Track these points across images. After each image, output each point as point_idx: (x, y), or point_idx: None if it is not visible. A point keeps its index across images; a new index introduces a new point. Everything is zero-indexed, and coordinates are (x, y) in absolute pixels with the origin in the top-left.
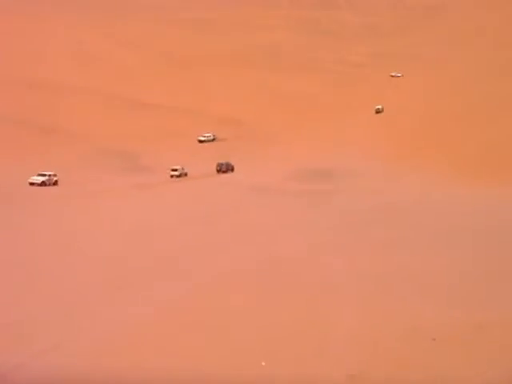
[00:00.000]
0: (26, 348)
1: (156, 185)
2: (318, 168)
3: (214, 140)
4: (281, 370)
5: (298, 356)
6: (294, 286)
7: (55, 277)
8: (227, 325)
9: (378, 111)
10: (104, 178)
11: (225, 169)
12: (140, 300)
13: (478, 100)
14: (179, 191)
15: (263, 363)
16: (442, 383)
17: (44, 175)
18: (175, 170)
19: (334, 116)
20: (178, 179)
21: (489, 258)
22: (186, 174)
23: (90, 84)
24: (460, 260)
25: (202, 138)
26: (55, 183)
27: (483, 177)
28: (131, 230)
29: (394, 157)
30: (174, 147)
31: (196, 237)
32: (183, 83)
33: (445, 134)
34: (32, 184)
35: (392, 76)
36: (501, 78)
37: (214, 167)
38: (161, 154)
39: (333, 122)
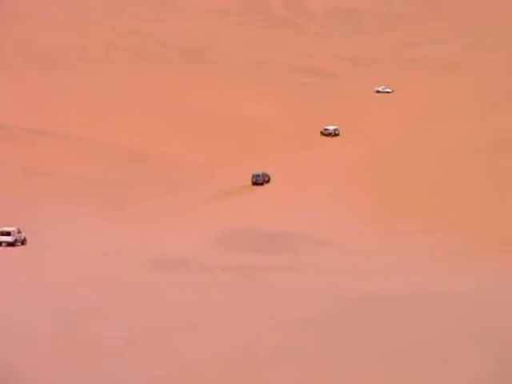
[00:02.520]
0: None
1: None
2: (266, 230)
3: None
4: None
5: None
6: None
7: None
8: None
9: (328, 133)
10: None
11: (261, 180)
12: None
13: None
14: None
15: None
16: None
17: None
18: (6, 234)
19: (293, 150)
20: (10, 249)
21: None
22: (23, 242)
23: None
24: None
25: None
26: None
27: None
28: None
29: (389, 214)
30: (27, 191)
31: None
32: (44, 93)
33: (466, 179)
34: None
35: (378, 92)
36: None
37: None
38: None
39: (291, 159)
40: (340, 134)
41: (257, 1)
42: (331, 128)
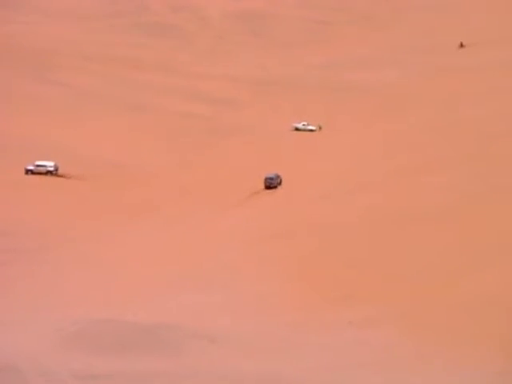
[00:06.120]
0: None
1: None
2: (139, 321)
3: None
4: None
5: None
6: None
7: None
8: None
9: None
10: None
11: (275, 184)
12: None
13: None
14: None
15: None
16: None
17: None
18: None
19: (178, 212)
20: None
21: None
22: None
23: None
24: None
25: None
26: None
27: None
28: None
29: (313, 299)
30: None
31: None
32: None
33: (417, 255)
34: None
35: (297, 130)
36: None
37: None
38: None
39: (175, 223)
40: None
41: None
42: None
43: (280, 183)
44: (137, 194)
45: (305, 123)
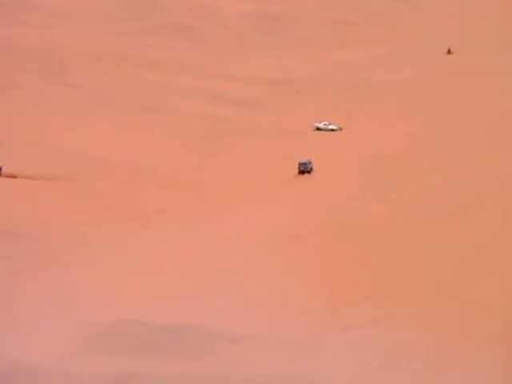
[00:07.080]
0: None
1: None
2: (161, 322)
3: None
4: None
5: None
6: None
7: None
8: None
9: None
10: None
11: (309, 169)
12: None
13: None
14: None
15: None
16: None
17: None
18: None
19: (196, 213)
20: None
21: None
22: None
23: None
24: None
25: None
26: None
27: None
28: None
29: (333, 298)
30: None
31: None
32: None
33: (436, 254)
34: None
35: (319, 129)
36: None
37: None
38: None
39: (193, 226)
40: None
41: (148, 1)
42: None
43: (312, 169)
44: (151, 197)
45: (326, 123)
